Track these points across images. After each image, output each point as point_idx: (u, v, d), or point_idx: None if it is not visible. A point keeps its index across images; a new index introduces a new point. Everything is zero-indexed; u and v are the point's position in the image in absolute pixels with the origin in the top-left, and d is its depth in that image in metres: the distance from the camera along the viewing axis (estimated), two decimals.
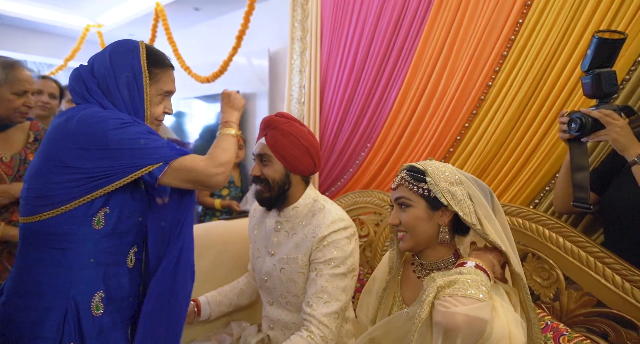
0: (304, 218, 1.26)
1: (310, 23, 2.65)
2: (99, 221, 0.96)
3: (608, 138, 1.11)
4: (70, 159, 0.92)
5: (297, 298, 1.25)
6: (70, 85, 1.04)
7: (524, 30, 1.68)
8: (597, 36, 1.12)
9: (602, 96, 1.15)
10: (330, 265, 1.17)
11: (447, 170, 0.98)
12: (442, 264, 0.99)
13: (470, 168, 1.85)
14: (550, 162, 1.60)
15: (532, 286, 1.26)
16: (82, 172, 0.92)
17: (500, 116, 1.76)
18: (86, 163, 0.92)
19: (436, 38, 1.97)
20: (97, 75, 1.01)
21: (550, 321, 1.13)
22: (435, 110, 1.98)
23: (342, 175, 2.50)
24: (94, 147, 0.93)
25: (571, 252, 1.17)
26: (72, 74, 1.04)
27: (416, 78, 2.06)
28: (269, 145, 1.22)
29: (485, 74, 1.79)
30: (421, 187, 0.97)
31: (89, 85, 1.01)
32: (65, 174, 0.92)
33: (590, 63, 1.14)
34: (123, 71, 1.00)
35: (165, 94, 1.09)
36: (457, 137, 1.91)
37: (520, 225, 1.30)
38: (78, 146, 0.93)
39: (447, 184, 0.95)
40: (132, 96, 1.01)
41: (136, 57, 1.02)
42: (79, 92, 1.02)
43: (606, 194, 1.24)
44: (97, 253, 0.96)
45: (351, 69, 2.37)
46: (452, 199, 0.94)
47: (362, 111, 2.34)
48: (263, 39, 3.65)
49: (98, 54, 1.05)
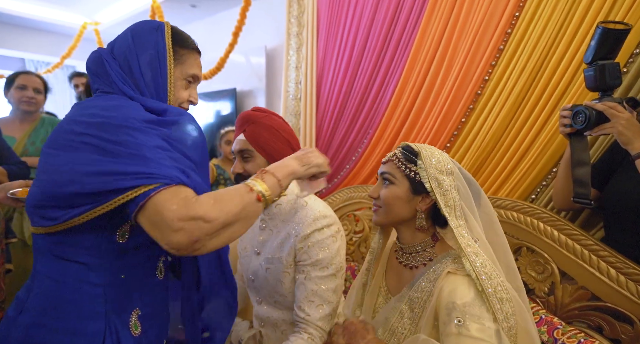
0: (287, 215, 1.24)
1: (307, 18, 2.64)
2: (124, 234, 0.84)
3: (613, 131, 1.08)
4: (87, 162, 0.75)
5: (284, 298, 1.23)
6: (89, 69, 0.92)
7: (521, 24, 1.67)
8: (601, 27, 1.08)
9: (605, 89, 1.13)
10: (317, 267, 1.15)
11: (442, 158, 0.95)
12: (420, 247, 0.98)
13: (468, 163, 1.84)
14: (547, 157, 1.59)
15: (527, 280, 1.25)
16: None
17: (497, 110, 1.75)
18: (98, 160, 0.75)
19: (433, 32, 1.96)
20: (118, 56, 0.90)
21: (544, 314, 1.12)
22: (433, 105, 1.97)
23: (339, 171, 2.49)
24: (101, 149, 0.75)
25: (566, 246, 1.16)
26: (91, 56, 0.93)
27: (413, 72, 2.05)
28: (250, 140, 1.19)
29: (482, 68, 1.78)
30: (409, 168, 0.96)
31: (111, 66, 0.89)
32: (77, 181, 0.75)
33: (593, 55, 1.11)
34: (146, 49, 0.90)
35: (191, 79, 0.97)
36: (454, 132, 1.90)
37: (514, 219, 1.29)
38: (91, 142, 0.75)
39: (437, 171, 0.93)
40: (155, 77, 0.90)
41: (161, 35, 0.92)
42: (101, 75, 0.90)
43: (607, 188, 1.22)
44: (126, 268, 0.85)
45: (348, 64, 2.36)
46: (438, 187, 0.92)
47: (359, 107, 2.33)
48: (260, 36, 3.63)
49: (119, 36, 0.94)
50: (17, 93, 2.16)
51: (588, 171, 1.14)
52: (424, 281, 0.91)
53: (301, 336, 1.11)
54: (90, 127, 0.77)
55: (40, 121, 2.28)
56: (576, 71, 1.52)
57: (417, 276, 0.94)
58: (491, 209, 1.00)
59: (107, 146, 0.74)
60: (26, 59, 5.98)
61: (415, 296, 0.91)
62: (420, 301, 0.90)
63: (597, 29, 1.09)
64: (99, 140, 0.75)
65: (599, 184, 1.25)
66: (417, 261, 0.97)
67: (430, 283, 0.89)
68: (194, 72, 0.97)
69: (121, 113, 0.78)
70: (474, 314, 0.79)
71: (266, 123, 1.19)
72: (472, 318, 0.78)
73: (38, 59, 5.96)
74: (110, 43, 0.95)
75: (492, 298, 0.79)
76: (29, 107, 2.18)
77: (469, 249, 0.85)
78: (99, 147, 0.75)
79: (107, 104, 0.82)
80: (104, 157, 0.74)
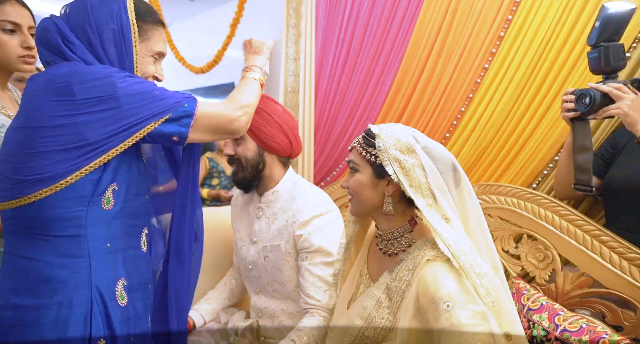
0: (285, 203, 1.23)
1: (305, 9, 2.62)
2: (108, 200, 0.84)
3: (619, 112, 1.05)
4: (58, 118, 0.77)
5: (283, 286, 1.22)
6: (39, 39, 0.85)
7: (522, 10, 1.65)
8: (605, 6, 1.06)
9: (610, 71, 1.10)
10: (321, 253, 1.15)
11: (403, 136, 0.90)
12: (398, 233, 0.93)
13: (468, 153, 1.82)
14: (548, 145, 1.57)
15: (527, 267, 1.24)
16: (75, 133, 0.77)
17: (497, 99, 1.72)
18: (80, 118, 0.77)
19: (433, 20, 1.93)
20: (75, 26, 0.84)
21: (545, 301, 1.10)
22: (432, 94, 1.95)
23: (338, 164, 2.47)
24: (95, 100, 0.77)
25: (567, 232, 1.14)
26: (40, 25, 0.84)
27: (412, 62, 2.02)
28: None
29: (482, 56, 1.75)
30: (369, 152, 0.92)
31: (67, 37, 0.83)
32: (54, 139, 0.76)
33: (597, 36, 1.08)
34: (107, 23, 0.84)
35: (156, 55, 0.95)
36: (453, 121, 1.87)
37: (515, 205, 1.27)
38: (70, 99, 0.77)
39: (397, 151, 0.88)
40: (120, 54, 0.86)
41: (122, 6, 0.86)
42: (54, 46, 0.83)
43: (608, 174, 1.21)
44: (112, 237, 0.85)
45: (347, 55, 2.34)
46: (399, 167, 0.87)
47: (358, 98, 2.31)
48: (258, 29, 3.60)
49: (73, 2, 0.87)
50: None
51: (590, 157, 1.12)
52: (403, 270, 0.88)
53: (316, 318, 1.11)
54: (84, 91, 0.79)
55: None
56: (578, 57, 1.50)
57: (397, 262, 0.91)
58: (469, 186, 0.94)
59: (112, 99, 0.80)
60: None
61: (394, 284, 0.88)
62: (398, 291, 0.87)
63: (602, 10, 1.07)
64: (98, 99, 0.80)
65: (601, 172, 1.23)
66: (395, 248, 0.93)
67: (409, 272, 0.86)
68: (159, 49, 0.95)
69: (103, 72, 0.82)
70: (461, 301, 0.75)
71: (266, 113, 1.18)
72: (459, 306, 0.74)
73: None
74: (63, 8, 0.87)
75: (470, 274, 0.76)
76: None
77: (440, 228, 0.81)
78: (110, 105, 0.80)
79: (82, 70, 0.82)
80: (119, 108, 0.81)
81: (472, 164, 1.83)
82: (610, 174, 1.20)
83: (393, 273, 0.90)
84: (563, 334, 0.98)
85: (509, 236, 1.29)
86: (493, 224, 1.32)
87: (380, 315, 0.88)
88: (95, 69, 0.82)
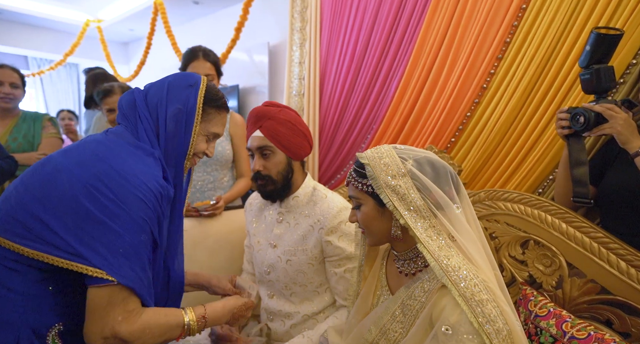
0: (305, 207, 1.24)
1: (310, 13, 2.63)
2: None
3: (612, 131, 1.12)
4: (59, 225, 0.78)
5: (304, 288, 1.24)
6: (121, 107, 0.99)
7: (528, 16, 1.65)
8: (595, 32, 1.14)
9: (601, 91, 1.18)
10: (354, 259, 1.16)
11: (392, 160, 0.88)
12: (412, 254, 0.93)
13: (473, 158, 1.83)
14: (554, 151, 1.57)
15: (534, 274, 1.24)
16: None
17: (503, 105, 1.73)
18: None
19: (438, 25, 1.94)
20: (150, 103, 0.96)
21: (552, 308, 1.10)
22: (437, 99, 1.96)
23: (342, 167, 2.48)
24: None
25: (574, 238, 1.14)
26: (125, 96, 1.00)
27: (417, 67, 2.03)
28: (268, 136, 1.18)
29: (488, 61, 1.76)
30: (364, 183, 0.91)
31: (140, 112, 0.95)
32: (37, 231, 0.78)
33: (589, 59, 1.17)
34: (175, 103, 0.95)
35: (212, 136, 1.03)
36: (459, 127, 1.88)
37: (521, 212, 1.27)
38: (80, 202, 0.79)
39: (389, 177, 0.86)
40: (178, 130, 0.95)
41: (194, 92, 0.97)
42: (129, 118, 0.96)
43: (602, 182, 1.25)
44: (56, 281, 0.82)
45: (351, 59, 2.35)
46: (395, 194, 0.86)
47: (363, 102, 2.31)
48: (263, 32, 3.62)
49: (157, 82, 1.00)
50: None
51: (586, 170, 1.19)
52: (419, 289, 0.89)
53: (337, 320, 1.16)
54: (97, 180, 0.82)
55: (22, 116, 2.21)
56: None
57: (414, 281, 0.92)
58: (464, 191, 0.94)
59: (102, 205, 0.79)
60: (29, 57, 5.99)
61: (409, 303, 0.89)
62: (412, 310, 0.88)
63: (592, 35, 1.15)
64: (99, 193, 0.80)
65: (594, 181, 1.28)
66: (412, 267, 0.94)
67: (425, 293, 0.87)
68: (216, 131, 1.03)
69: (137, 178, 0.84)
70: (462, 330, 0.75)
71: (282, 117, 1.18)
72: (458, 335, 0.75)
73: (41, 56, 5.97)
74: (146, 87, 1.01)
75: (470, 302, 0.76)
76: (6, 104, 2.11)
77: (441, 252, 0.81)
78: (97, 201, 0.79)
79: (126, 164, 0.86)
80: (94, 218, 0.79)
81: (478, 169, 1.83)
82: (605, 182, 1.24)
83: (409, 289, 0.90)
84: (571, 342, 0.98)
85: (515, 241, 1.29)
86: (500, 230, 1.32)
87: (393, 328, 0.90)
88: (125, 191, 0.82)
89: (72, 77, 6.58)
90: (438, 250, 0.82)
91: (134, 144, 0.92)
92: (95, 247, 0.77)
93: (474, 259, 0.84)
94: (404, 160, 0.89)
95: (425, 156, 0.92)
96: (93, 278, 0.77)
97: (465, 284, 0.78)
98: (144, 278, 0.83)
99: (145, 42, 4.42)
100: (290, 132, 1.18)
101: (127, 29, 5.38)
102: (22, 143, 2.15)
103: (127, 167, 0.84)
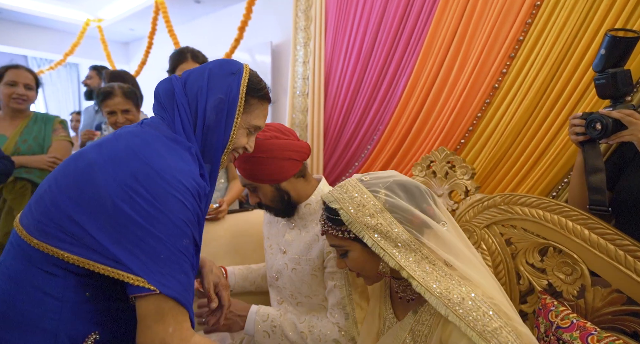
0: (316, 215, 1.20)
1: (315, 12, 2.58)
2: None
3: (633, 139, 1.07)
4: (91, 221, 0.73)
5: (309, 299, 1.19)
6: (157, 96, 0.91)
7: (542, 13, 1.60)
8: (610, 35, 1.08)
9: (618, 96, 1.12)
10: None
11: (365, 199, 0.84)
12: (409, 281, 0.89)
13: (484, 161, 1.77)
14: (569, 154, 1.52)
15: (554, 282, 1.18)
16: None
17: (515, 105, 1.67)
18: None
19: (448, 22, 1.89)
20: (189, 92, 0.88)
21: (575, 319, 1.04)
22: (447, 100, 1.90)
23: (348, 169, 2.42)
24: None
25: (597, 246, 1.09)
26: (162, 84, 0.92)
27: (426, 66, 1.97)
28: (245, 176, 1.17)
29: (500, 60, 1.71)
30: (343, 230, 0.87)
31: (179, 101, 0.87)
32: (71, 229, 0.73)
33: (604, 63, 1.11)
34: (217, 93, 0.87)
35: (253, 129, 0.96)
36: (469, 128, 1.82)
37: (540, 217, 1.21)
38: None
39: (367, 217, 0.83)
40: (219, 121, 0.87)
41: (236, 80, 0.90)
42: (167, 108, 0.88)
43: (618, 186, 1.21)
44: (94, 287, 0.77)
45: (357, 58, 2.29)
46: (378, 233, 0.82)
47: (369, 102, 2.26)
48: (265, 32, 3.57)
49: (196, 69, 0.92)
50: (6, 89, 2.03)
51: (603, 177, 1.14)
52: (425, 314, 0.86)
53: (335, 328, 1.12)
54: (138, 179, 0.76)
55: (33, 117, 2.17)
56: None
57: (420, 304, 0.88)
58: (446, 211, 0.91)
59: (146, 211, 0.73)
60: (29, 56, 5.94)
61: (417, 328, 0.86)
62: (421, 335, 0.85)
63: (606, 37, 1.09)
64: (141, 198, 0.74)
65: (610, 185, 1.23)
66: (413, 292, 0.90)
67: (431, 317, 0.84)
68: (257, 124, 0.96)
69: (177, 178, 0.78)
70: None
71: (257, 157, 1.12)
72: None
73: (41, 56, 5.92)
74: (185, 73, 0.93)
75: (484, 334, 0.72)
76: (19, 105, 2.07)
77: (441, 286, 0.77)
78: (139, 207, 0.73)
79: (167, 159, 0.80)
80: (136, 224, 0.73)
81: (489, 172, 1.78)
82: (621, 185, 1.20)
83: (417, 314, 0.87)
84: None
85: (533, 248, 1.23)
86: (516, 236, 1.27)
87: None
88: (161, 190, 0.76)
89: (72, 77, 6.53)
90: (437, 285, 0.78)
91: (171, 138, 0.84)
92: (135, 253, 0.72)
93: (476, 281, 0.81)
94: (375, 193, 0.85)
95: (394, 179, 0.88)
96: (134, 286, 0.72)
97: (474, 316, 0.74)
98: (188, 285, 0.77)
99: (145, 41, 4.38)
100: (265, 164, 1.12)
101: (127, 28, 5.33)
102: (32, 145, 2.09)
103: (165, 166, 0.77)
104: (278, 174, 1.13)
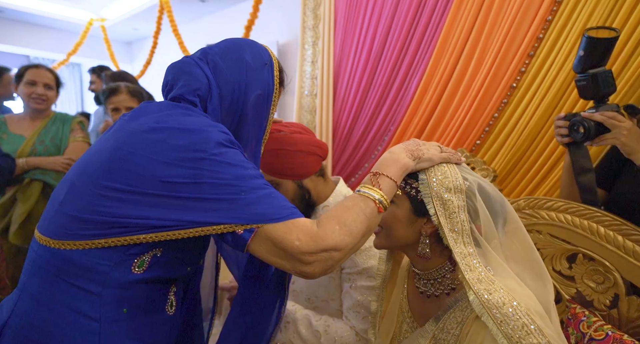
0: None
1: (323, 10, 2.52)
2: (142, 264, 0.69)
3: (615, 142, 1.04)
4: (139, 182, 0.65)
5: (327, 303, 1.15)
6: (180, 71, 0.80)
7: (563, 10, 1.54)
8: (587, 36, 1.06)
9: (601, 97, 1.10)
10: (364, 276, 1.08)
11: (451, 172, 0.78)
12: (437, 274, 0.83)
13: (501, 162, 1.72)
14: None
15: (584, 290, 1.12)
16: None
17: (534, 105, 1.62)
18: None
19: (464, 19, 1.83)
20: (223, 82, 0.79)
21: (611, 331, 0.98)
22: (462, 98, 1.85)
23: (357, 170, 2.37)
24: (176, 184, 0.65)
25: (633, 253, 1.03)
26: (184, 71, 0.80)
27: (441, 63, 1.92)
28: (268, 172, 1.13)
29: (519, 59, 1.65)
30: (410, 184, 0.80)
31: (213, 90, 0.78)
32: (118, 203, 0.65)
33: (583, 64, 1.09)
34: (256, 88, 0.81)
35: (272, 116, 0.91)
36: (485, 128, 1.77)
37: (568, 222, 1.16)
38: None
39: (443, 188, 0.76)
40: (259, 117, 0.83)
41: (270, 72, 0.85)
42: (194, 87, 0.77)
43: (614, 190, 1.19)
44: (130, 301, 0.70)
45: (367, 57, 2.24)
46: (443, 208, 0.76)
47: (380, 102, 2.21)
48: (271, 31, 3.52)
49: (227, 56, 0.82)
50: (26, 89, 1.98)
51: (593, 176, 1.12)
52: (451, 321, 0.79)
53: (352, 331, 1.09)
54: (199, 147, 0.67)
55: (52, 118, 2.11)
56: (627, 60, 1.40)
57: (444, 310, 0.81)
58: (518, 224, 0.84)
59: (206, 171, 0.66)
60: (31, 56, 5.91)
61: (441, 336, 0.79)
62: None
63: (583, 38, 1.06)
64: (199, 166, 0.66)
65: (607, 184, 1.20)
66: (436, 289, 0.83)
67: (458, 325, 0.77)
68: (275, 111, 0.91)
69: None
70: None
71: (284, 149, 1.08)
72: None
73: (43, 56, 5.89)
74: (204, 55, 0.83)
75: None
76: (39, 105, 2.01)
77: (481, 286, 0.71)
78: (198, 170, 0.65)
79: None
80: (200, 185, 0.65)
81: (506, 174, 1.72)
82: (616, 191, 1.18)
83: (440, 322, 0.80)
84: None
85: (560, 254, 1.17)
86: (542, 241, 1.21)
87: None
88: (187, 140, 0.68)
89: (74, 77, 6.49)
90: (478, 282, 0.72)
91: (198, 112, 0.76)
92: (205, 208, 0.64)
93: (525, 295, 0.73)
94: (464, 178, 0.79)
95: (485, 181, 0.82)
96: (227, 234, 0.66)
97: (512, 326, 0.67)
98: (278, 205, 0.68)
99: (149, 41, 4.33)
100: (288, 160, 1.10)
101: (131, 28, 5.29)
102: (49, 146, 2.04)
103: (194, 122, 0.70)
104: (302, 169, 1.11)
